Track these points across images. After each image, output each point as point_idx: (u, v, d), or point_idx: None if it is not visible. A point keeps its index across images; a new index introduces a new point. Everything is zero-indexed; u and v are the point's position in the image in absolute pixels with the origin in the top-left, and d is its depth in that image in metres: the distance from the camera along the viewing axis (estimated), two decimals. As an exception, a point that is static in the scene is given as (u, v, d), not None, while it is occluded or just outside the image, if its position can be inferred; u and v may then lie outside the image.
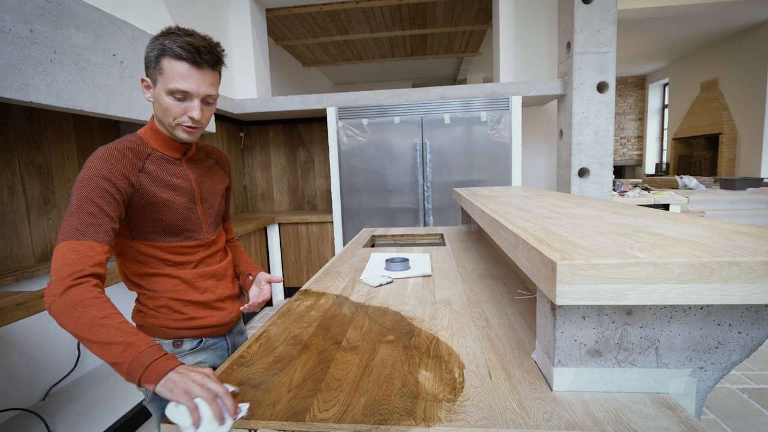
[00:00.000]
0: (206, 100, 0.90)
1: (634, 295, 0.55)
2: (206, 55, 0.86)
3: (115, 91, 1.78)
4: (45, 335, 1.88)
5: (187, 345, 0.99)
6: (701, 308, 0.63)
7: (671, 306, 0.63)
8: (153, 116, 0.95)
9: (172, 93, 0.86)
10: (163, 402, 0.95)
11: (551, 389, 0.68)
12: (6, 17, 1.31)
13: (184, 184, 0.97)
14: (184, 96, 0.87)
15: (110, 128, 2.33)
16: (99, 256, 0.77)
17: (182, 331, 0.98)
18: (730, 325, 0.64)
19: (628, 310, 0.64)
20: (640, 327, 0.65)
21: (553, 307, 0.65)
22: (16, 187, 1.82)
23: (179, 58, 0.84)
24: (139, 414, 1.93)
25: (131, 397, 1.95)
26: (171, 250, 0.95)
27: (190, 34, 0.86)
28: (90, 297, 0.71)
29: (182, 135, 0.92)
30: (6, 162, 1.77)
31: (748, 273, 0.52)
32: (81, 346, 2.05)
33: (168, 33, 0.85)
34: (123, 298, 1.90)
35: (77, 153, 2.12)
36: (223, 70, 3.51)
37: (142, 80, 0.90)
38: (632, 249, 0.61)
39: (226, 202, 1.16)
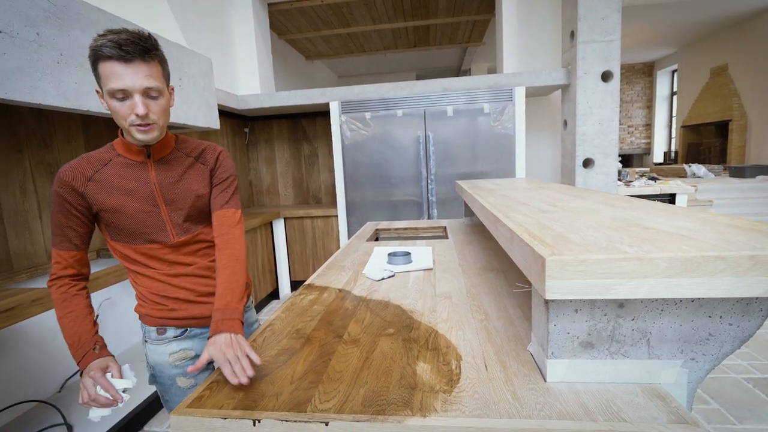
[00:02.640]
0: (149, 94, 0.87)
1: (621, 290, 0.57)
2: (129, 47, 0.82)
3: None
4: (59, 330, 1.94)
5: (171, 332, 1.05)
6: (692, 301, 0.64)
7: (662, 299, 0.64)
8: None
9: (112, 95, 0.85)
10: (158, 383, 1.08)
11: (545, 380, 0.70)
12: (13, 21, 1.33)
13: (141, 188, 0.96)
14: (123, 95, 0.85)
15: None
16: (66, 261, 0.95)
17: (166, 321, 1.04)
18: (721, 317, 0.65)
19: (620, 303, 0.66)
20: (632, 319, 0.66)
21: (547, 301, 0.67)
22: (28, 187, 1.86)
23: (107, 58, 0.82)
24: (152, 405, 1.98)
25: (144, 389, 2.01)
26: (138, 250, 1.00)
27: (117, 32, 0.84)
28: (56, 298, 0.94)
29: (138, 136, 0.90)
30: (18, 162, 1.81)
31: (733, 267, 0.54)
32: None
33: (98, 36, 0.84)
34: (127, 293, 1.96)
35: (85, 151, 2.16)
36: (227, 66, 3.54)
37: (96, 91, 0.90)
38: (622, 244, 0.62)
39: (213, 188, 1.06)
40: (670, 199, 3.54)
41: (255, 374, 0.76)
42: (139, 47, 0.84)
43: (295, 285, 3.91)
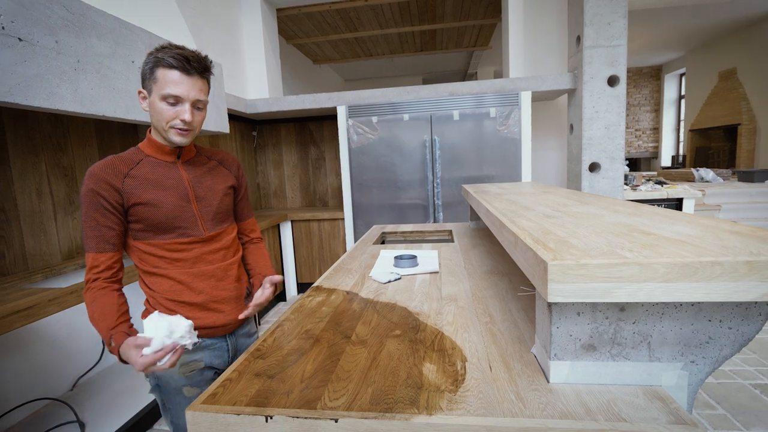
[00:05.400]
0: (196, 105, 0.99)
1: (621, 293, 0.59)
2: (195, 63, 0.96)
3: (134, 96, 1.86)
4: (72, 329, 1.98)
5: None
6: (692, 305, 0.66)
7: (663, 303, 0.66)
8: (149, 129, 1.04)
9: (165, 98, 0.95)
10: (162, 393, 1.07)
11: (548, 381, 0.72)
12: (33, 30, 1.38)
13: (175, 184, 1.03)
14: (175, 100, 0.96)
15: (129, 131, 2.42)
16: (104, 264, 0.96)
17: None
18: (720, 321, 0.66)
19: (621, 307, 0.67)
20: (633, 323, 0.68)
21: (549, 304, 0.69)
22: (44, 189, 1.91)
23: (171, 66, 0.94)
24: (161, 404, 2.02)
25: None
26: (166, 246, 1.02)
27: (181, 48, 0.96)
28: (90, 299, 0.94)
29: (175, 138, 0.99)
30: (34, 165, 1.87)
31: (730, 272, 0.55)
32: (105, 339, 2.15)
33: (161, 48, 0.96)
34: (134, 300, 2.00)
35: (99, 155, 2.21)
36: (236, 71, 3.59)
37: (139, 92, 1.00)
38: (622, 249, 0.64)
39: (238, 200, 1.20)
40: (678, 203, 3.53)
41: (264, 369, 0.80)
42: (202, 65, 0.97)
43: (301, 287, 3.94)
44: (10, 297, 1.38)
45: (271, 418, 0.66)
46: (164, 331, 0.84)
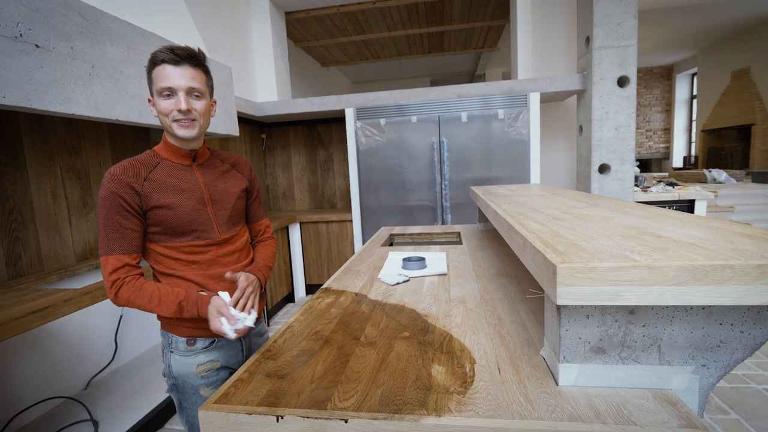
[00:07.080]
0: (193, 93, 0.99)
1: (630, 296, 0.59)
2: (180, 51, 0.96)
3: (147, 100, 1.89)
4: (86, 329, 2.02)
5: (200, 344, 1.07)
6: (703, 308, 0.66)
7: (673, 306, 0.66)
8: (165, 133, 1.06)
9: (161, 93, 0.97)
10: (179, 392, 1.08)
11: (557, 384, 0.72)
12: (50, 36, 1.42)
13: (191, 188, 1.04)
14: (170, 92, 0.96)
15: (141, 135, 2.45)
16: (129, 264, 0.97)
17: (195, 330, 1.06)
18: (732, 325, 0.66)
19: (631, 310, 0.67)
20: (643, 326, 0.68)
21: (558, 307, 0.69)
22: (59, 192, 1.95)
23: (162, 62, 0.96)
24: (173, 403, 2.04)
25: (164, 386, 2.07)
26: (183, 249, 1.03)
27: (173, 45, 0.98)
28: (131, 294, 0.95)
29: (179, 131, 0.99)
30: (49, 169, 1.91)
31: (741, 275, 0.55)
32: (117, 339, 2.19)
33: (155, 51, 0.99)
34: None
35: (112, 159, 2.25)
36: (245, 74, 3.63)
37: (148, 100, 1.02)
38: (632, 252, 0.64)
39: (250, 202, 1.22)
40: (689, 205, 3.48)
41: (275, 371, 0.81)
42: (188, 54, 0.97)
43: (310, 288, 3.96)
44: (27, 297, 1.41)
45: (282, 418, 0.67)
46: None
